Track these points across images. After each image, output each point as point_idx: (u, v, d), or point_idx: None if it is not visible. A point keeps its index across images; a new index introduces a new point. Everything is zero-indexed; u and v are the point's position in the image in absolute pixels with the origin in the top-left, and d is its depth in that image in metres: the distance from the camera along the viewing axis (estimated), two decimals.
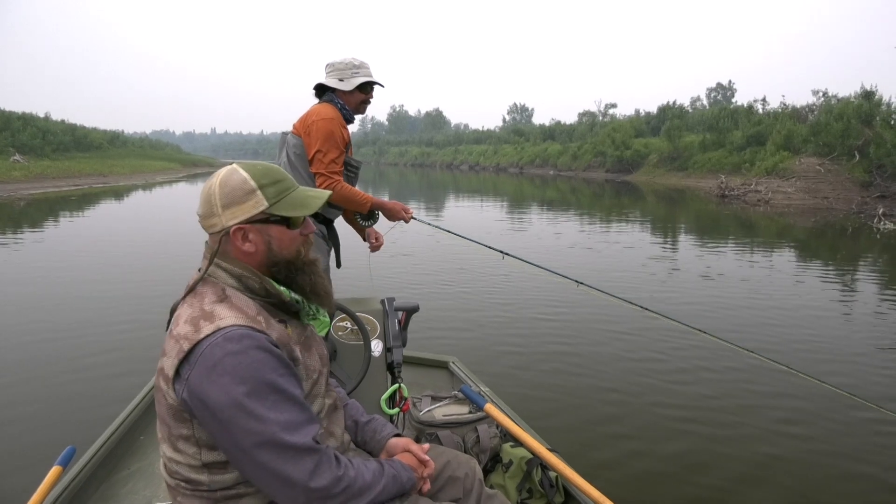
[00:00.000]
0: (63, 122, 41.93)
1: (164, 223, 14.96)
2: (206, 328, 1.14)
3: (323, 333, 1.44)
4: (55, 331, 5.56)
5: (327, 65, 2.83)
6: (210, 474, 1.20)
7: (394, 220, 2.95)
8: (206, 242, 1.31)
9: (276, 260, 1.27)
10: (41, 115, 39.71)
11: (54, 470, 1.82)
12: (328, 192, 1.36)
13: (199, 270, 1.29)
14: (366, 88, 2.82)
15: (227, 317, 1.16)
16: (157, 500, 2.06)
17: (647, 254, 10.17)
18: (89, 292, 7.13)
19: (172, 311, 1.28)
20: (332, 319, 1.46)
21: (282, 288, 1.29)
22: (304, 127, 2.71)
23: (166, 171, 44.82)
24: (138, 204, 22.18)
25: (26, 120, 35.33)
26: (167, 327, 1.26)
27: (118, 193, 25.39)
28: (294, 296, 1.31)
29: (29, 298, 6.81)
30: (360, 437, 1.56)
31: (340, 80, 2.78)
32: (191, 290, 1.25)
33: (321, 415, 1.34)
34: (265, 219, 1.24)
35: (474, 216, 17.37)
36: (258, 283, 1.25)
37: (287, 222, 1.27)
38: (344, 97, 2.79)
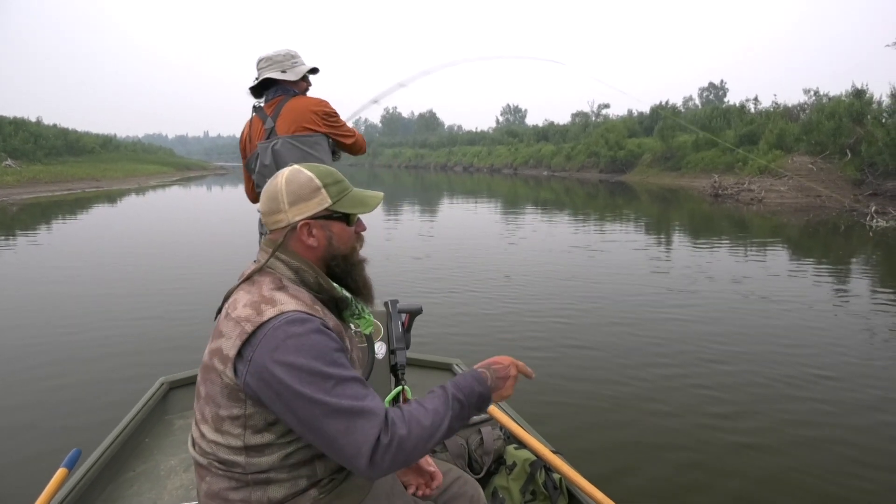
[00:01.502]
0: (55, 126, 41.70)
1: (164, 225, 14.91)
2: (269, 311, 1.19)
3: (367, 331, 1.50)
4: (57, 333, 5.57)
5: (263, 59, 2.81)
6: (248, 457, 1.22)
7: None
8: (264, 237, 1.38)
9: (335, 254, 1.35)
10: (33, 119, 39.51)
11: (60, 472, 1.83)
12: (382, 194, 1.44)
13: (256, 262, 1.35)
14: (307, 76, 2.86)
15: (287, 302, 1.21)
16: (161, 502, 2.06)
17: (646, 254, 10.21)
18: (89, 295, 7.13)
19: (226, 297, 1.32)
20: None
21: (334, 284, 1.36)
22: (309, 117, 2.75)
23: (159, 175, 44.68)
24: (133, 208, 22.09)
25: (18, 124, 35.14)
26: (217, 313, 1.32)
27: (112, 198, 25.29)
28: (344, 293, 1.38)
29: (27, 301, 6.80)
30: None
31: (283, 71, 2.78)
32: (247, 278, 1.31)
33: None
34: (328, 215, 1.32)
35: (469, 217, 17.40)
36: (313, 277, 1.31)
37: (346, 219, 1.35)
38: (294, 87, 2.82)
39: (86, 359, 4.89)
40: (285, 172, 1.33)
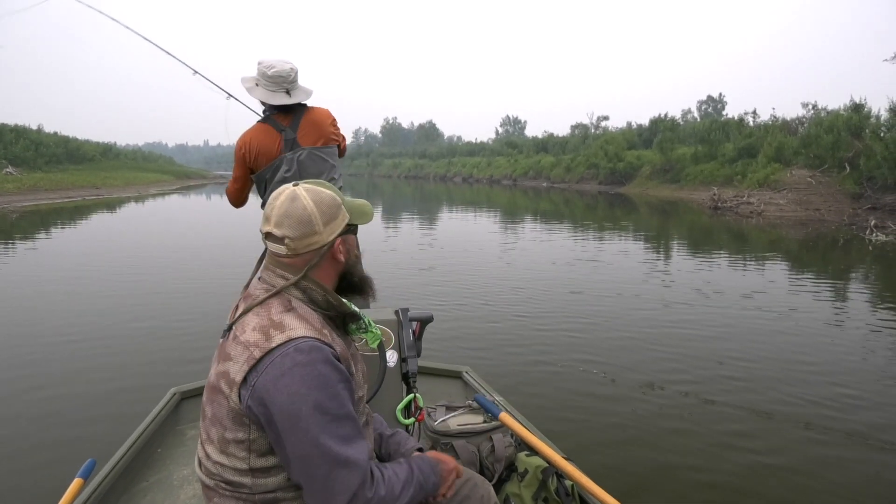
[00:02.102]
0: (56, 134, 41.79)
1: (168, 233, 14.92)
2: (278, 338, 1.19)
3: (374, 345, 1.50)
4: (67, 342, 5.58)
5: (277, 73, 2.76)
6: (254, 478, 1.23)
7: None
8: (268, 254, 1.35)
9: (352, 263, 1.39)
10: (34, 127, 39.60)
11: (75, 482, 1.84)
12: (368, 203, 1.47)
13: (259, 279, 1.34)
14: None
15: (297, 328, 1.21)
16: None
17: (648, 266, 10.23)
18: (98, 304, 7.13)
19: (233, 315, 1.32)
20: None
21: (342, 299, 1.36)
22: (329, 129, 2.88)
23: (159, 184, 44.74)
24: (134, 216, 22.11)
25: (19, 132, 35.23)
26: (226, 332, 1.30)
27: (112, 206, 25.32)
28: (353, 308, 1.38)
29: (36, 309, 6.81)
30: (385, 449, 1.60)
31: (293, 83, 2.86)
32: (254, 298, 1.30)
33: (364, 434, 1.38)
34: (346, 230, 1.36)
35: (470, 227, 17.43)
36: (322, 295, 1.31)
37: (355, 230, 1.42)
38: None
39: (97, 368, 4.89)
40: (304, 194, 1.29)
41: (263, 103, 2.86)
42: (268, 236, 1.31)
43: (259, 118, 2.91)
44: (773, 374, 4.80)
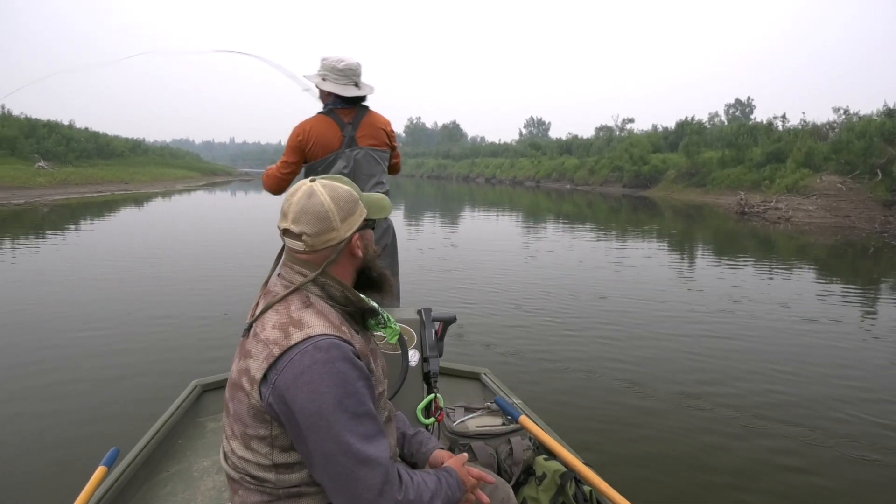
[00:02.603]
0: (87, 129, 42.68)
1: (193, 228, 15.13)
2: (297, 335, 1.19)
3: (393, 341, 1.49)
4: (93, 332, 5.70)
5: (347, 66, 2.83)
6: (278, 473, 1.24)
7: None
8: (288, 252, 1.34)
9: (368, 259, 1.38)
10: (65, 122, 40.49)
11: (100, 470, 1.87)
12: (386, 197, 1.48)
13: (279, 276, 1.34)
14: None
15: (315, 325, 1.21)
16: (194, 502, 2.09)
17: (674, 270, 10.11)
18: (124, 295, 7.26)
19: (253, 312, 1.32)
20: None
21: (361, 295, 1.35)
22: (384, 134, 2.96)
23: (186, 180, 45.41)
24: (161, 210, 22.47)
25: (51, 127, 36.05)
26: (246, 330, 1.30)
27: (139, 200, 25.76)
28: (372, 303, 1.37)
29: (64, 300, 6.96)
30: (407, 448, 1.59)
31: (357, 84, 2.92)
32: (273, 295, 1.30)
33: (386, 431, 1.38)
34: (364, 225, 1.36)
35: (493, 228, 17.40)
36: (340, 291, 1.30)
37: (373, 225, 1.41)
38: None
39: (121, 360, 4.98)
40: (321, 190, 1.29)
41: (326, 99, 2.93)
42: (285, 233, 1.30)
43: (321, 111, 2.94)
44: (812, 388, 4.62)
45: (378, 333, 1.47)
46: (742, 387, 4.60)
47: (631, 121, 58.48)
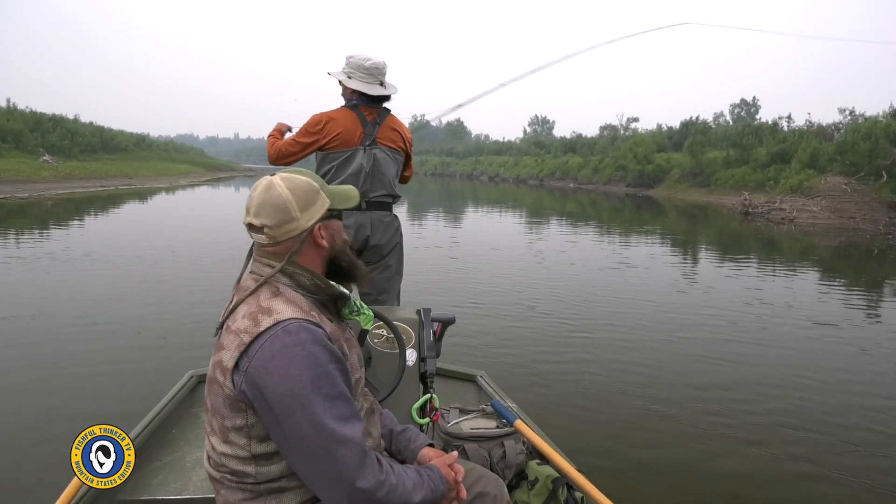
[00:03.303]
0: (91, 124, 42.75)
1: (195, 221, 15.16)
2: (266, 321, 1.20)
3: (368, 326, 1.51)
4: (90, 322, 5.72)
5: (373, 64, 2.84)
6: (257, 466, 1.24)
7: None
8: (254, 245, 1.37)
9: (337, 250, 1.39)
10: (70, 116, 40.55)
11: None
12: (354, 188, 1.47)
13: (251, 272, 1.35)
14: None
15: (284, 311, 1.22)
16: (186, 493, 2.09)
17: (677, 271, 10.09)
18: (121, 286, 7.30)
19: (226, 310, 1.33)
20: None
21: (331, 282, 1.37)
22: (403, 137, 3.00)
23: (190, 175, 45.48)
24: (165, 205, 22.52)
25: (56, 121, 36.12)
26: (219, 328, 1.32)
27: (143, 195, 25.82)
28: (342, 289, 1.38)
29: (60, 291, 6.97)
30: (395, 445, 1.59)
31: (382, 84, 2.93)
32: (245, 290, 1.31)
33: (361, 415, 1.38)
34: (328, 215, 1.36)
35: (496, 227, 17.39)
36: (309, 279, 1.32)
37: (339, 215, 1.40)
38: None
39: (119, 350, 5.02)
40: (279, 182, 1.31)
41: (350, 96, 2.93)
42: (250, 227, 1.32)
43: (345, 106, 2.94)
44: (831, 399, 4.45)
45: (353, 320, 1.47)
46: (745, 393, 4.54)
47: (635, 120, 58.45)
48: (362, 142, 2.87)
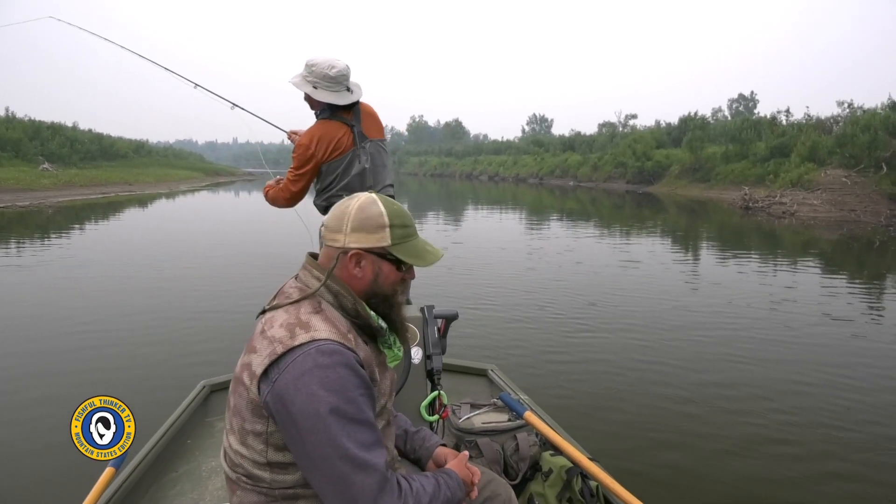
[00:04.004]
0: (90, 131, 42.80)
1: (201, 229, 15.16)
2: (302, 336, 1.19)
3: (392, 365, 1.46)
4: (102, 333, 5.74)
5: (339, 71, 2.76)
6: (272, 473, 1.24)
7: None
8: (308, 256, 1.37)
9: (377, 292, 1.33)
10: (69, 124, 40.58)
11: (108, 471, 1.87)
12: (443, 252, 1.43)
13: (296, 278, 1.35)
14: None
15: (321, 329, 1.21)
16: (203, 502, 2.10)
17: (680, 267, 10.10)
18: (131, 297, 7.30)
19: (262, 312, 1.33)
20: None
21: (371, 312, 1.34)
22: (380, 125, 3.01)
23: (190, 180, 45.48)
24: (166, 211, 22.52)
25: (55, 129, 36.19)
26: (260, 314, 1.33)
27: (144, 201, 25.83)
28: (381, 322, 1.36)
29: (67, 302, 6.98)
30: (409, 445, 1.60)
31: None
32: (286, 296, 1.31)
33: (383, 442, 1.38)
34: (383, 254, 1.31)
35: (496, 226, 17.39)
36: (352, 303, 1.30)
37: (399, 264, 1.34)
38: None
39: (130, 359, 5.02)
40: (361, 198, 1.32)
41: (319, 105, 2.86)
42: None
43: (322, 116, 2.88)
44: (863, 397, 4.36)
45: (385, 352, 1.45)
46: (763, 388, 4.51)
47: (634, 117, 58.40)
48: (355, 143, 2.86)
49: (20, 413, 3.98)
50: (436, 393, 2.15)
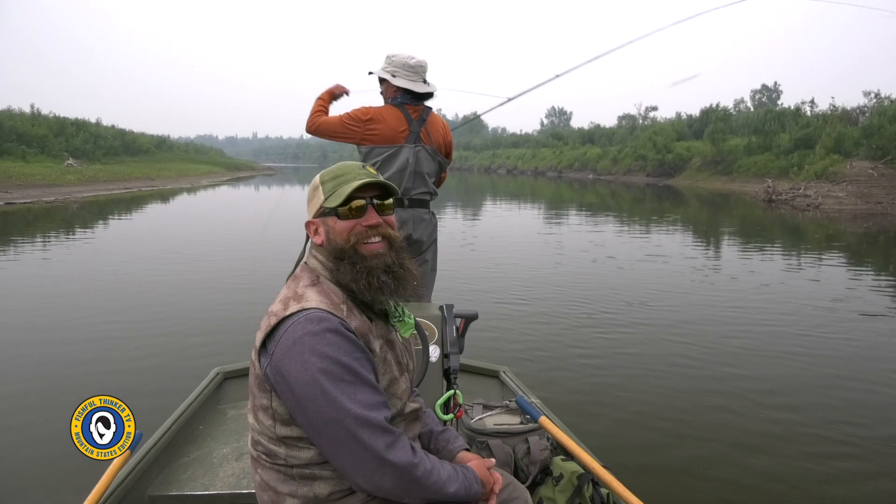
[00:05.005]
0: (113, 127, 43.40)
1: (218, 221, 15.31)
2: (293, 307, 1.24)
3: (407, 335, 1.46)
4: (120, 321, 5.87)
5: (417, 63, 2.85)
6: (287, 448, 1.27)
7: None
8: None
9: (335, 248, 1.34)
10: (93, 120, 41.20)
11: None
12: (364, 180, 1.35)
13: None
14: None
15: (312, 299, 1.25)
16: (214, 488, 2.12)
17: (702, 262, 9.97)
18: (150, 286, 7.42)
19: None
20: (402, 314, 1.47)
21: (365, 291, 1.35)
22: (445, 139, 3.02)
23: (210, 175, 45.92)
24: (188, 205, 22.79)
25: (79, 125, 36.73)
26: None
27: (166, 196, 26.14)
28: (368, 298, 1.34)
29: (93, 290, 7.17)
30: (434, 445, 1.60)
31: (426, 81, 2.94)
32: (291, 272, 1.40)
33: (399, 419, 1.39)
34: (324, 212, 1.36)
35: (515, 220, 17.32)
36: (349, 279, 1.33)
37: (336, 213, 1.34)
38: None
39: (147, 347, 5.14)
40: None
41: (393, 94, 2.91)
42: None
43: (390, 103, 2.92)
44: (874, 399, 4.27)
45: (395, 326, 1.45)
46: (787, 392, 4.40)
47: (654, 109, 57.78)
48: (408, 139, 2.87)
49: (36, 395, 4.11)
50: (451, 392, 2.15)
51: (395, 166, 2.85)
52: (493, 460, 1.52)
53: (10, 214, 17.22)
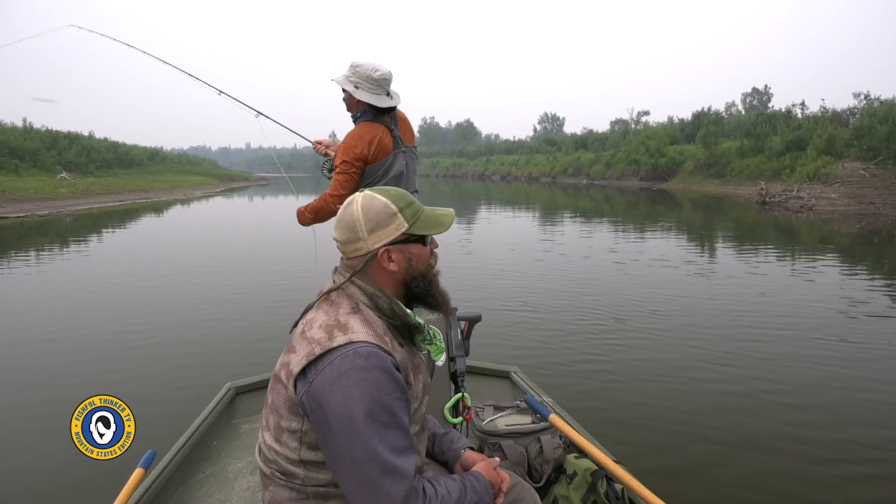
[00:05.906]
0: (106, 139, 43.27)
1: (221, 235, 15.28)
2: (340, 338, 1.21)
3: (437, 359, 1.47)
4: (130, 336, 5.82)
5: (382, 76, 2.76)
6: (306, 470, 1.26)
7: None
8: (342, 260, 1.39)
9: (415, 275, 1.35)
10: (85, 133, 41.07)
11: (137, 472, 1.90)
12: (453, 211, 1.43)
13: (334, 282, 1.38)
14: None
15: (359, 331, 1.23)
16: (229, 503, 2.12)
17: (699, 265, 10.01)
18: (158, 302, 7.38)
19: (305, 312, 1.36)
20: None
21: (408, 310, 1.36)
22: (413, 131, 3.01)
23: (204, 186, 45.80)
24: (183, 217, 22.72)
25: (72, 138, 36.61)
26: (294, 326, 1.35)
27: (160, 208, 26.06)
28: (418, 319, 1.37)
29: (98, 306, 7.09)
30: (438, 447, 1.62)
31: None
32: (324, 294, 1.34)
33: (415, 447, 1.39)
34: (406, 239, 1.33)
35: (511, 225, 17.35)
36: (387, 304, 1.32)
37: (423, 240, 1.36)
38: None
39: (158, 362, 5.10)
40: (359, 200, 1.33)
41: (358, 107, 2.85)
42: (335, 238, 1.38)
43: (363, 118, 2.85)
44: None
45: (424, 349, 1.45)
46: (801, 394, 4.33)
47: (646, 113, 58.17)
48: (395, 147, 2.89)
49: (47, 413, 4.06)
50: (459, 395, 2.15)
51: (393, 172, 2.87)
52: (497, 459, 1.53)
53: (3, 229, 17.12)
